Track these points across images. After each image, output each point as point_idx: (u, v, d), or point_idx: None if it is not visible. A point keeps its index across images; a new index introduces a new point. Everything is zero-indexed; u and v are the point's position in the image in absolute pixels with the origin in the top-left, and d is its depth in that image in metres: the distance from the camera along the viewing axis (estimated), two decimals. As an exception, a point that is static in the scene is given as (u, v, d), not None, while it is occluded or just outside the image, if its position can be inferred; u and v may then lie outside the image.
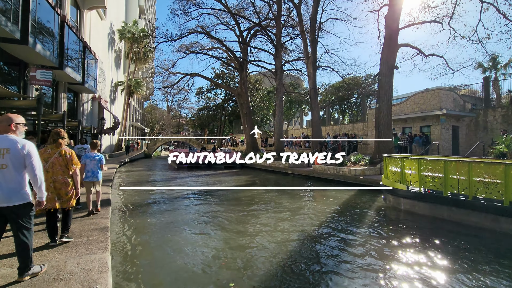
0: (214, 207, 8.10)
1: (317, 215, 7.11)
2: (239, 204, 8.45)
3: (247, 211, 7.56)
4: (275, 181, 14.18)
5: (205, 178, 15.31)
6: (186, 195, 9.88)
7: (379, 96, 14.21)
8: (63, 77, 17.58)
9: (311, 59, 18.59)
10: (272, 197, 9.56)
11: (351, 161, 13.62)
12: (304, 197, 9.77)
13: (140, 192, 10.26)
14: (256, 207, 8.09)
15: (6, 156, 2.66)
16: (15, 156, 2.69)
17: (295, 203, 8.63)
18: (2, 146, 2.67)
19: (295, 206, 8.16)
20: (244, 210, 7.58)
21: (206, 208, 8.00)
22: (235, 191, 10.80)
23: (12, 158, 2.68)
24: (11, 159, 2.68)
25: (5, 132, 2.77)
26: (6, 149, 2.67)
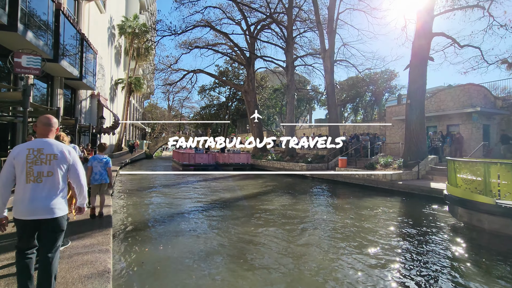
0: (246, 228, 6.52)
1: (383, 236, 5.61)
2: (272, 222, 6.68)
3: (286, 231, 6.07)
4: (296, 186, 12.69)
5: (216, 184, 13.83)
6: (202, 207, 8.26)
7: (410, 91, 12.76)
8: (59, 71, 16.08)
9: (328, 52, 17.14)
10: (305, 209, 8.05)
11: (379, 163, 12.17)
12: (345, 208, 8.27)
13: (144, 204, 8.74)
14: (296, 226, 6.37)
15: (53, 162, 2.40)
16: (62, 163, 2.45)
17: (339, 217, 7.15)
18: (49, 152, 2.40)
19: (346, 223, 6.67)
20: (284, 231, 6.01)
21: (239, 229, 6.01)
22: (256, 201, 9.29)
23: (58, 165, 2.42)
24: (58, 166, 2.42)
25: (50, 136, 2.52)
26: (53, 155, 2.41)
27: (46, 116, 2.60)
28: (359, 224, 6.52)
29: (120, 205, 8.00)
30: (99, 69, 24.62)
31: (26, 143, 2.43)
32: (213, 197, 9.57)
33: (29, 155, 2.33)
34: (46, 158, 2.37)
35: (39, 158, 2.35)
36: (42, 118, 2.56)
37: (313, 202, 9.05)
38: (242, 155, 20.48)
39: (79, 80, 18.02)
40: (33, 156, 2.34)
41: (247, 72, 27.14)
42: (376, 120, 24.94)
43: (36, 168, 2.33)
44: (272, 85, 39.23)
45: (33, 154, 2.35)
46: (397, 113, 20.19)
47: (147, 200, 8.94)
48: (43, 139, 2.46)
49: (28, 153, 2.34)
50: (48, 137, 2.50)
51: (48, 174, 2.35)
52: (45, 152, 2.38)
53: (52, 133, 2.54)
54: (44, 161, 2.35)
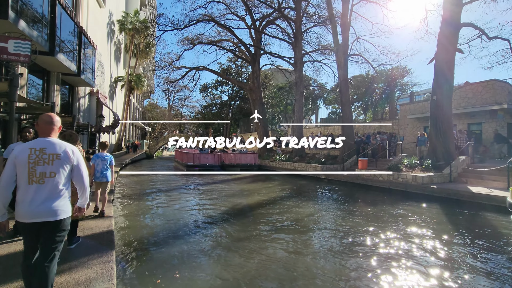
0: (274, 246, 5.42)
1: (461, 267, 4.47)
2: (304, 241, 5.35)
3: (330, 253, 5.03)
4: (314, 190, 11.69)
5: (224, 187, 12.81)
6: (215, 219, 6.96)
7: (435, 86, 11.78)
8: (56, 66, 15.04)
9: (341, 46, 16.15)
10: (338, 220, 6.98)
11: (403, 164, 11.18)
12: (381, 217, 7.24)
13: (149, 214, 7.63)
14: (339, 246, 5.02)
15: (55, 162, 2.27)
16: (66, 162, 2.32)
17: (381, 231, 6.13)
18: (51, 151, 2.27)
19: (395, 240, 5.64)
20: (328, 255, 4.69)
21: (265, 249, 4.82)
22: (276, 209, 8.23)
23: (62, 165, 2.30)
24: (61, 167, 2.30)
25: (52, 135, 2.37)
26: (55, 154, 2.28)
27: (48, 114, 2.47)
28: (412, 239, 5.46)
29: (122, 215, 6.95)
30: (98, 66, 23.57)
31: (28, 143, 2.31)
32: (224, 204, 8.52)
33: (31, 155, 2.22)
34: (49, 158, 2.26)
35: (41, 158, 2.24)
36: (44, 116, 2.44)
37: (342, 209, 7.99)
38: (249, 155, 19.47)
39: (77, 76, 16.96)
40: (35, 156, 2.23)
41: (252, 69, 26.15)
42: (388, 119, 23.96)
43: (38, 169, 2.22)
44: (276, 83, 38.20)
45: (35, 154, 2.23)
46: (412, 111, 19.23)
47: (152, 209, 7.85)
48: (46, 138, 2.33)
49: (30, 153, 2.22)
50: (50, 136, 2.36)
51: (51, 175, 2.25)
52: (48, 151, 2.27)
53: (54, 132, 2.40)
54: (46, 161, 2.25)
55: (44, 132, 2.35)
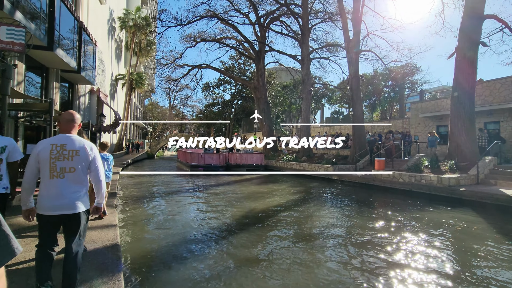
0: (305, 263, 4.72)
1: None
2: (333, 258, 4.49)
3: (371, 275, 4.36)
4: (330, 193, 11.01)
5: (233, 189, 12.15)
6: (229, 228, 6.10)
7: (456, 81, 11.12)
8: (54, 62, 14.38)
9: (353, 42, 15.48)
10: (367, 230, 6.15)
11: (423, 165, 10.52)
12: (415, 227, 6.56)
13: (155, 223, 6.56)
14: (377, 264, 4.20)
15: (75, 158, 2.39)
16: (84, 159, 2.43)
17: (421, 243, 5.43)
18: (72, 148, 2.39)
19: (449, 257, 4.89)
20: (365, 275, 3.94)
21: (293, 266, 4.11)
22: (294, 215, 7.57)
23: (81, 161, 2.41)
24: (80, 162, 2.41)
25: (73, 132, 2.50)
26: (75, 151, 2.40)
27: (69, 112, 2.58)
28: (475, 260, 4.69)
29: (126, 224, 6.25)
30: (99, 63, 22.90)
31: (50, 139, 2.42)
32: (237, 210, 7.81)
33: (52, 151, 2.32)
34: (69, 154, 2.35)
35: (62, 154, 2.34)
36: (65, 114, 2.56)
37: (370, 217, 7.20)
38: (255, 155, 18.81)
39: (77, 73, 16.29)
40: (56, 151, 2.33)
41: (256, 67, 25.48)
42: (398, 118, 23.33)
43: (59, 164, 2.32)
44: (280, 82, 37.50)
45: (56, 149, 2.33)
46: (424, 109, 18.57)
47: (157, 216, 7.04)
48: (66, 134, 2.44)
49: (51, 148, 2.33)
50: (70, 133, 2.47)
51: (70, 170, 2.34)
52: (68, 148, 2.36)
53: (75, 129, 2.51)
54: (66, 157, 2.34)
55: (65, 129, 2.44)
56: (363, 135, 15.72)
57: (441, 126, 17.96)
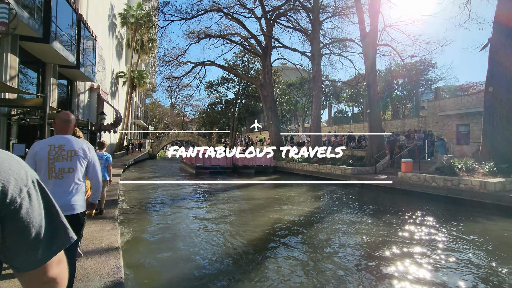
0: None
1: None
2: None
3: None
4: (357, 199, 10.00)
5: (245, 194, 11.15)
6: (254, 252, 4.79)
7: (491, 75, 10.12)
8: (51, 56, 13.43)
9: (370, 35, 14.48)
10: (441, 247, 5.06)
11: (456, 166, 9.51)
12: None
13: (161, 243, 5.13)
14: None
15: (74, 159, 2.37)
16: (83, 159, 2.42)
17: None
18: (70, 148, 2.37)
19: None
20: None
21: None
22: (331, 231, 6.51)
23: (79, 162, 2.40)
24: (79, 163, 2.39)
25: (69, 133, 2.50)
26: (74, 151, 2.38)
27: (65, 112, 2.58)
28: None
29: (128, 243, 5.10)
30: (99, 60, 21.95)
31: (47, 139, 2.42)
32: (255, 224, 6.74)
33: (50, 151, 2.32)
34: (68, 155, 2.35)
35: (60, 154, 2.34)
36: (61, 114, 2.56)
37: (415, 230, 6.18)
38: (263, 156, 17.80)
39: (76, 69, 15.33)
40: (54, 152, 2.32)
41: (262, 64, 24.48)
42: (413, 117, 22.30)
43: (57, 165, 2.32)
44: (286, 80, 36.42)
45: (54, 150, 2.33)
46: (443, 107, 17.57)
47: (163, 232, 5.85)
48: (64, 135, 2.44)
49: (49, 149, 2.32)
50: (67, 133, 2.47)
51: (69, 171, 2.35)
52: (66, 148, 2.36)
53: (71, 129, 2.51)
54: (65, 158, 2.34)
55: (62, 130, 2.44)
56: (380, 135, 14.70)
57: (462, 125, 16.94)
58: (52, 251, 0.72)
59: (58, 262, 0.75)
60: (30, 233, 0.68)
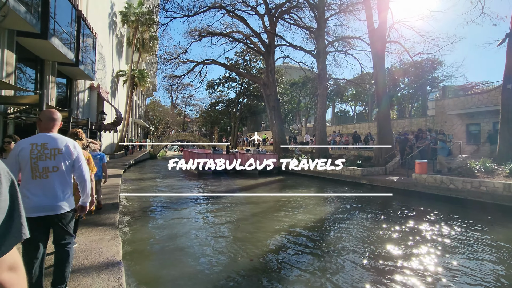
0: None
1: None
2: None
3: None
4: (364, 199, 9.55)
5: (250, 196, 10.69)
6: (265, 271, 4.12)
7: (510, 73, 9.65)
8: (50, 53, 13.00)
9: (378, 31, 14.03)
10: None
11: (475, 168, 9.05)
12: None
13: (164, 261, 4.37)
14: None
15: (58, 157, 2.28)
16: (67, 157, 2.33)
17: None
18: (53, 146, 2.28)
19: None
20: None
21: None
22: (354, 240, 5.95)
23: (64, 160, 2.31)
24: (63, 161, 2.31)
25: (53, 130, 2.38)
26: (57, 149, 2.29)
27: (49, 109, 2.44)
28: None
29: (130, 256, 4.47)
30: (99, 58, 21.52)
31: (29, 138, 2.31)
32: (266, 229, 6.31)
33: (32, 151, 2.23)
34: (51, 153, 2.26)
35: (43, 153, 2.24)
36: (45, 111, 2.43)
37: (447, 238, 5.73)
38: (268, 156, 17.33)
39: (76, 66, 14.88)
40: (36, 151, 2.23)
41: (266, 62, 24.04)
42: (420, 117, 21.84)
43: (41, 164, 2.23)
44: (288, 79, 35.93)
45: (36, 149, 2.24)
46: (452, 107, 17.12)
47: (167, 242, 5.19)
48: (47, 133, 2.34)
49: (31, 148, 2.23)
50: (51, 131, 2.36)
51: (53, 169, 2.26)
52: (49, 146, 2.27)
53: (56, 127, 2.39)
54: (48, 156, 2.25)
55: (46, 128, 2.33)
56: (390, 135, 14.24)
57: (472, 125, 16.49)
58: (2, 249, 0.65)
59: (10, 268, 0.66)
60: None
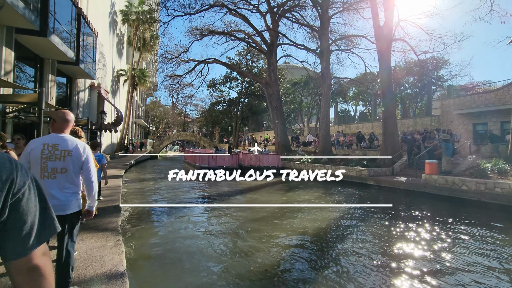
0: None
1: None
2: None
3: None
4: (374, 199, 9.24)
5: (255, 197, 10.42)
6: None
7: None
8: (49, 51, 12.75)
9: (384, 29, 13.75)
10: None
11: (487, 169, 8.78)
12: None
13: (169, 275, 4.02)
14: None
15: (67, 159, 2.29)
16: (77, 159, 2.33)
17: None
18: (63, 148, 2.29)
19: None
20: None
21: None
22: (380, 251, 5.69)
23: (72, 162, 2.31)
24: (72, 163, 2.31)
25: (65, 132, 2.40)
26: (67, 151, 2.29)
27: (63, 111, 2.46)
28: None
29: (135, 269, 4.06)
30: (99, 57, 21.27)
31: (42, 138, 2.34)
32: (285, 239, 6.03)
33: (44, 150, 2.24)
34: (61, 154, 2.27)
35: (53, 154, 2.25)
36: (59, 112, 2.43)
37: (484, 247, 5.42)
38: (271, 156, 17.09)
39: (76, 65, 14.62)
40: (47, 151, 2.24)
41: (268, 61, 23.76)
42: (425, 116, 21.57)
43: (50, 164, 2.24)
44: (290, 79, 35.64)
45: (47, 149, 2.25)
46: (459, 106, 16.85)
47: (173, 253, 4.67)
48: (59, 134, 2.36)
49: (43, 148, 2.24)
50: (64, 132, 2.39)
51: (62, 171, 2.26)
52: (60, 148, 2.27)
53: (68, 129, 2.43)
54: (58, 157, 2.26)
55: (59, 129, 2.35)
56: (396, 134, 13.96)
57: (479, 124, 16.22)
58: (40, 240, 0.78)
59: (43, 253, 0.81)
60: (26, 222, 0.75)
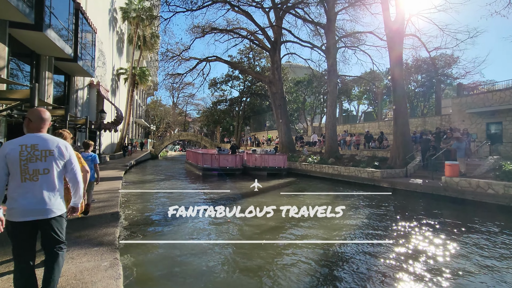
0: None
1: None
2: None
3: None
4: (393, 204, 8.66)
5: (264, 200, 9.83)
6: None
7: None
8: (46, 47, 12.17)
9: (395, 24, 13.15)
10: None
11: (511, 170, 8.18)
12: None
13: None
14: None
15: (49, 159, 2.17)
16: (59, 159, 2.22)
17: None
18: (44, 148, 2.17)
19: None
20: None
21: None
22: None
23: (55, 162, 2.20)
24: (55, 163, 2.19)
25: (42, 131, 2.27)
26: (49, 150, 2.17)
27: (39, 109, 2.33)
28: None
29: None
30: (98, 55, 20.68)
31: (18, 139, 2.19)
32: (304, 254, 5.40)
33: (22, 152, 2.11)
34: (41, 155, 2.15)
35: (33, 154, 2.14)
36: (35, 110, 2.30)
37: None
38: (277, 157, 16.49)
39: (74, 62, 14.03)
40: (26, 153, 2.12)
41: (271, 59, 23.18)
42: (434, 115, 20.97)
43: (31, 166, 2.12)
44: (293, 78, 35.04)
45: (26, 150, 2.13)
46: (471, 104, 16.23)
47: (177, 276, 3.94)
48: (37, 134, 2.23)
49: (21, 149, 2.12)
50: (41, 131, 2.26)
51: (44, 172, 2.15)
52: (40, 148, 2.16)
53: (46, 127, 2.30)
54: (39, 158, 2.15)
55: (36, 128, 2.24)
56: (407, 134, 13.37)
57: (492, 124, 15.61)
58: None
59: None
60: None
